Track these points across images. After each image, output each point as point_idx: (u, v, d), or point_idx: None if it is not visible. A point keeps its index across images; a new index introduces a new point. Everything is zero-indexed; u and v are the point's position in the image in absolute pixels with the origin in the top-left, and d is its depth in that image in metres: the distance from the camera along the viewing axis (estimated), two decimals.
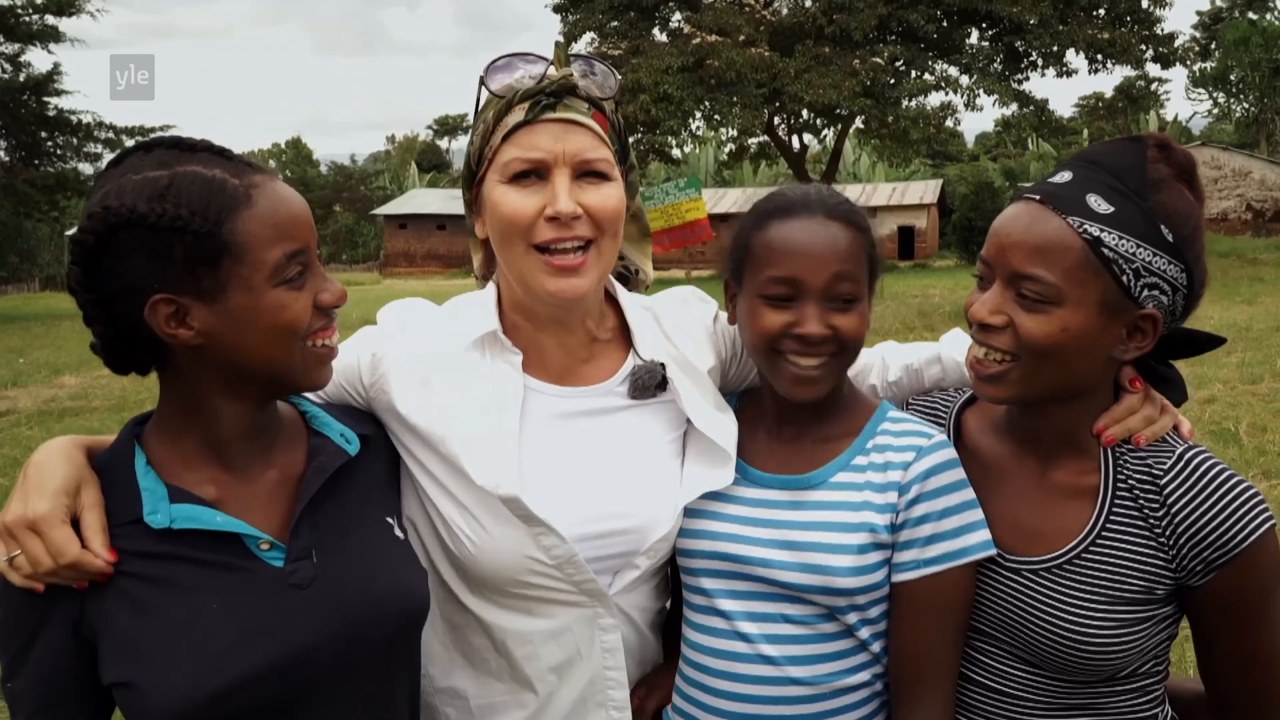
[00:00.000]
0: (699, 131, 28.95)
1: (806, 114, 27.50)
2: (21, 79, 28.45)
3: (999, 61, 25.81)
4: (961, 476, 1.46)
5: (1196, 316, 1.44)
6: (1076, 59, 25.53)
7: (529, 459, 1.47)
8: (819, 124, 29.63)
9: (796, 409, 1.53)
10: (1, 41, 27.95)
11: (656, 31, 27.77)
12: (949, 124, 28.36)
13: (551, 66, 1.48)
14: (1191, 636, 1.44)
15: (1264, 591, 1.36)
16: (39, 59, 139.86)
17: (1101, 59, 25.18)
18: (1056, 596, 1.39)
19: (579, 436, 1.53)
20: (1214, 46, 42.27)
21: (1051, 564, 1.41)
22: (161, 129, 27.09)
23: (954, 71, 26.24)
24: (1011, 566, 1.44)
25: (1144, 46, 25.21)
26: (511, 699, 1.53)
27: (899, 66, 25.49)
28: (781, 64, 24.73)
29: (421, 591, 1.42)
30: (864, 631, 1.46)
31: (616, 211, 1.47)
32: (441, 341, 1.52)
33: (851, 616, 1.45)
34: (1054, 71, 25.94)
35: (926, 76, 26.21)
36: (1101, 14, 24.96)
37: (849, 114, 26.26)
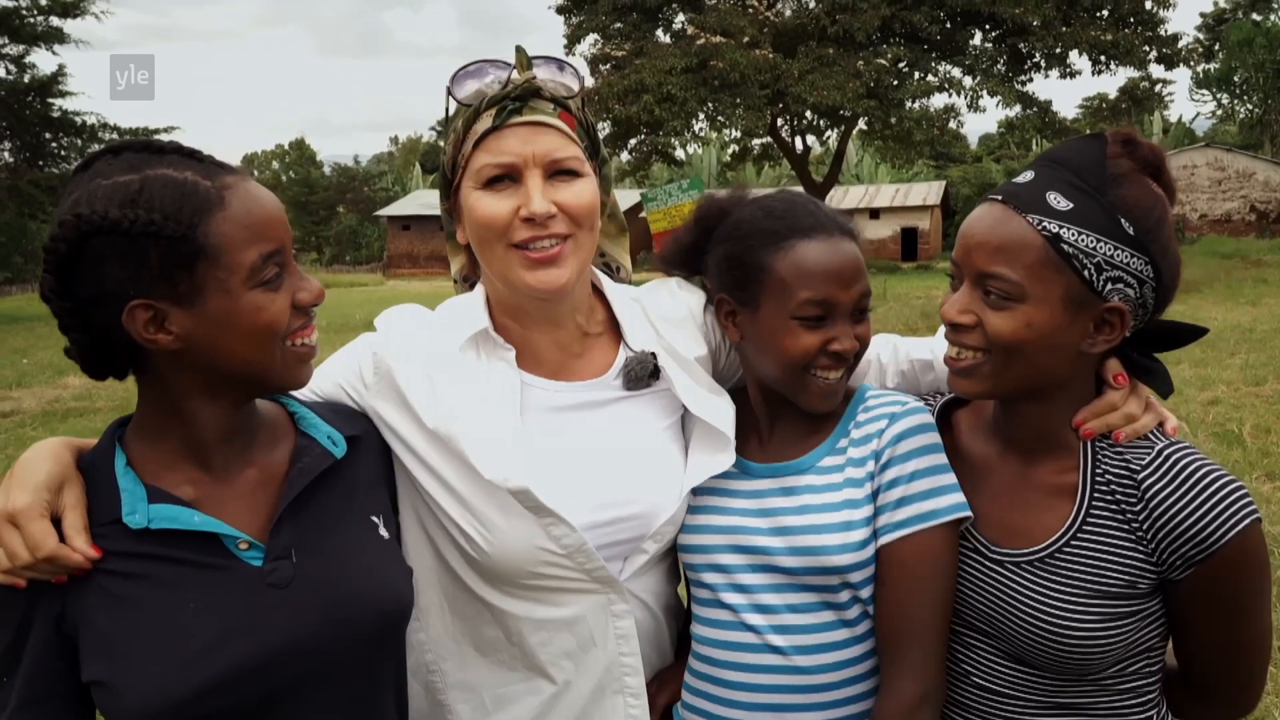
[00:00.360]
0: (702, 132, 28.99)
1: (810, 115, 27.50)
2: (26, 80, 28.53)
3: (1002, 63, 25.79)
4: (933, 441, 1.49)
5: (1199, 318, 1.44)
6: (1080, 60, 25.54)
7: (531, 451, 1.48)
8: (822, 125, 29.60)
9: (786, 405, 1.56)
10: (6, 43, 28.04)
11: (660, 33, 27.77)
12: (952, 125, 28.35)
13: (514, 71, 1.51)
14: (1169, 622, 1.44)
15: (1247, 586, 1.36)
16: (43, 60, 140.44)
17: (1105, 60, 25.14)
18: (1038, 590, 1.40)
19: (579, 427, 1.55)
20: (1218, 48, 42.21)
21: (1033, 557, 1.42)
22: (165, 130, 27.18)
23: (957, 73, 26.24)
24: (995, 558, 1.46)
25: (1147, 48, 25.17)
26: (526, 687, 1.54)
27: (902, 68, 25.48)
28: (785, 65, 24.72)
29: (403, 590, 1.42)
30: (869, 621, 1.48)
31: (591, 206, 1.50)
32: (438, 342, 1.55)
33: (850, 600, 1.47)
34: (1057, 73, 25.93)
35: (930, 78, 26.20)
36: (1105, 15, 24.93)
37: (852, 115, 26.24)
